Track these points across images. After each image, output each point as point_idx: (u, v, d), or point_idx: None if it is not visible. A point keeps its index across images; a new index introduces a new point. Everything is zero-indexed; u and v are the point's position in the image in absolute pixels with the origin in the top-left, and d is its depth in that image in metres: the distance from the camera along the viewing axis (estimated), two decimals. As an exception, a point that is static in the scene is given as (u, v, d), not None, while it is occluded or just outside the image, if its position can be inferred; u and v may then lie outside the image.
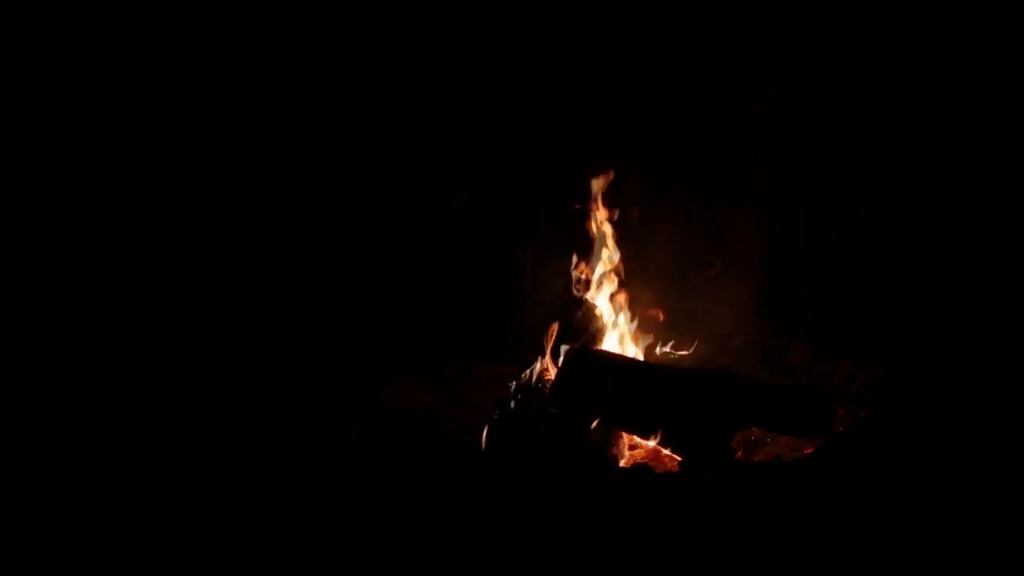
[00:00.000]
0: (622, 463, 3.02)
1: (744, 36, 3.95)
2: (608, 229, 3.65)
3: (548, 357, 3.41)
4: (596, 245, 3.65)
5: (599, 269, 3.64)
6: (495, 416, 3.11)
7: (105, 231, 3.83)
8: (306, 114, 4.13)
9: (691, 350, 3.68)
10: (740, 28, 3.96)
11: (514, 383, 3.39)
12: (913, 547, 2.26)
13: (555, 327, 3.41)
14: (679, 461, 2.90)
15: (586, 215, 3.68)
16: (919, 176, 3.97)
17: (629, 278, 3.65)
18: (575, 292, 3.61)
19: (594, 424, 2.97)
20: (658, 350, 3.66)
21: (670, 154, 3.79)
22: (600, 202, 3.69)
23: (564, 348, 3.31)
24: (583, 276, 3.66)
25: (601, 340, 3.45)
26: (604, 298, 3.61)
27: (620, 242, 3.65)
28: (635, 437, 3.11)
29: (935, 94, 3.90)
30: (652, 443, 3.03)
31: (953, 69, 3.87)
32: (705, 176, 3.77)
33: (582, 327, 3.40)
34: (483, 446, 3.02)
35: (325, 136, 4.18)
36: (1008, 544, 2.24)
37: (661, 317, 3.68)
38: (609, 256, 3.65)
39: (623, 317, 3.61)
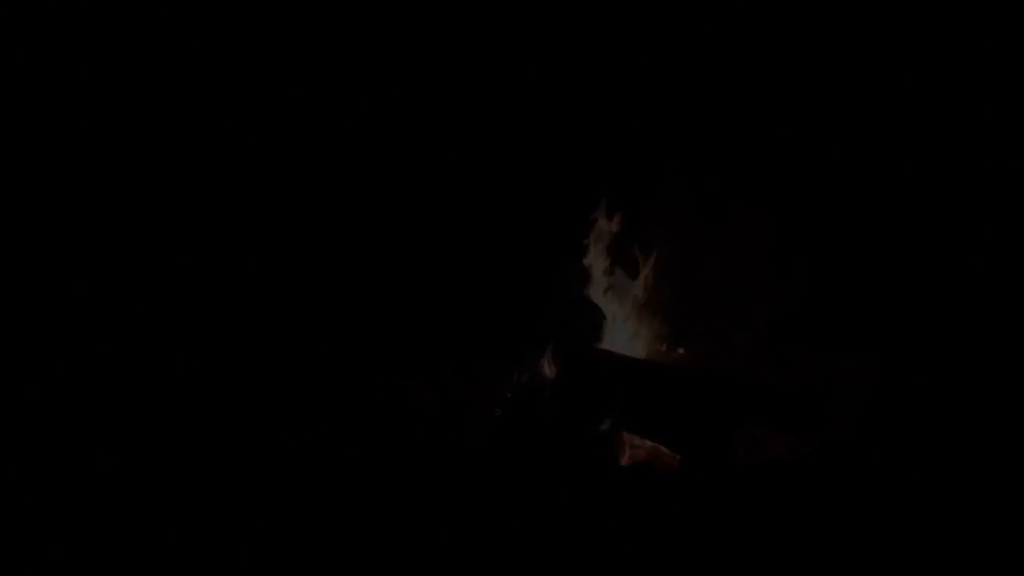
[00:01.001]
0: (622, 462, 3.03)
1: (748, 40, 3.96)
2: (609, 228, 3.66)
3: (549, 357, 3.42)
4: (598, 244, 3.66)
5: (600, 269, 3.65)
6: (496, 416, 3.12)
7: (117, 232, 3.85)
8: (314, 115, 4.14)
9: (691, 349, 3.68)
10: (744, 32, 3.96)
11: (515, 383, 3.40)
12: (912, 545, 2.28)
13: (556, 327, 3.42)
14: (679, 460, 2.91)
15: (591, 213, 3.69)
16: (920, 177, 3.98)
17: (629, 278, 3.65)
18: (576, 291, 3.61)
19: (605, 426, 2.98)
20: (659, 350, 3.66)
21: (672, 153, 3.79)
22: (602, 203, 3.70)
23: (565, 348, 3.33)
24: (584, 275, 3.67)
25: (602, 339, 3.46)
26: (605, 297, 3.62)
27: (621, 241, 3.66)
28: (635, 436, 3.12)
29: (934, 95, 3.91)
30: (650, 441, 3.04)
31: (952, 69, 3.87)
32: (706, 176, 3.78)
33: (583, 326, 3.41)
34: (484, 446, 3.03)
35: (330, 138, 4.19)
36: (1007, 542, 2.26)
37: (661, 316, 3.69)
38: (611, 256, 3.65)
39: (624, 316, 3.62)
